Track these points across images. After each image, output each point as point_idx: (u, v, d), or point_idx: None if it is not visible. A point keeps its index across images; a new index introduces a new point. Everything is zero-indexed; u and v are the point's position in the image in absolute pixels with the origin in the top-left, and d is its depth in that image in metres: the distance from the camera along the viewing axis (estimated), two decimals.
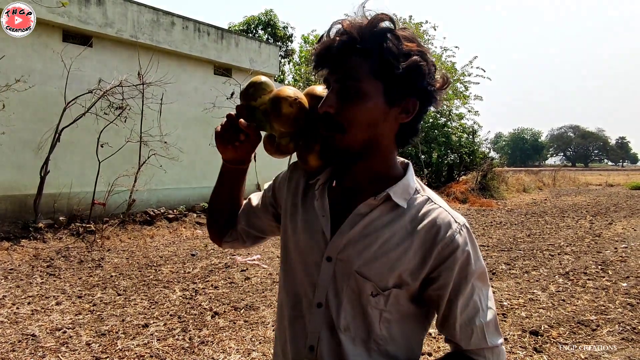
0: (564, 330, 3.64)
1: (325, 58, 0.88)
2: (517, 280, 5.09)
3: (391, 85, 0.84)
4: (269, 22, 19.80)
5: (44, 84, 7.26)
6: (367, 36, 0.83)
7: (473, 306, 0.88)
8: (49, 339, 3.34)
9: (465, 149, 16.52)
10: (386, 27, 0.84)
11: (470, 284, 0.87)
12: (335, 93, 0.86)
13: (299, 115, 0.96)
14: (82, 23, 7.63)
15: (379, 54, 0.83)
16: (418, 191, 0.93)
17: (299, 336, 0.95)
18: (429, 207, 0.90)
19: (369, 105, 0.85)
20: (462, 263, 0.87)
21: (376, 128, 0.87)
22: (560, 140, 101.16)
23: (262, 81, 1.03)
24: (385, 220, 0.89)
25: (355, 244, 0.89)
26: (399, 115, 0.88)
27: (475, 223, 9.69)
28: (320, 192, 0.97)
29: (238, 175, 1.11)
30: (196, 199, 9.52)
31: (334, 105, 0.86)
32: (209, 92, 9.73)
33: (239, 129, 0.99)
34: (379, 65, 0.83)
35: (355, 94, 0.84)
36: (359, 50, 0.84)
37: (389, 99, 0.85)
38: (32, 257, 5.76)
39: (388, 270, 0.86)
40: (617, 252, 6.51)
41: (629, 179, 26.95)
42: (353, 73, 0.84)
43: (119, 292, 4.50)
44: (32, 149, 7.04)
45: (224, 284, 4.88)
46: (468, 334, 0.88)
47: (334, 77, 0.87)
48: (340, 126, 0.86)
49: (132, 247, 6.70)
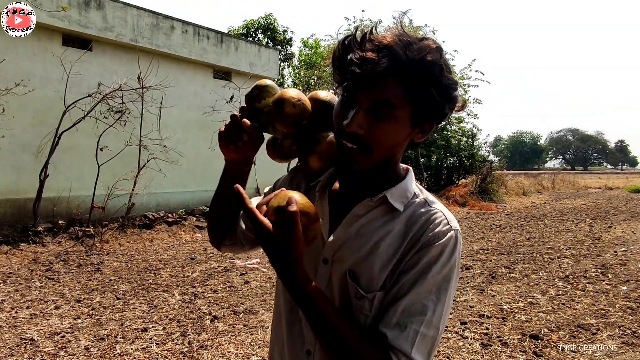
0: (564, 334, 3.63)
1: (364, 76, 0.80)
2: (517, 284, 5.08)
3: (421, 111, 0.83)
4: (268, 26, 19.84)
5: (44, 88, 7.26)
6: (416, 65, 0.79)
7: (421, 309, 0.81)
8: (48, 344, 3.33)
9: (464, 153, 16.53)
10: (435, 60, 0.80)
11: (428, 285, 0.81)
12: (365, 112, 0.82)
13: (301, 116, 0.97)
14: (82, 27, 7.65)
15: (421, 83, 0.80)
16: (417, 195, 0.92)
17: (296, 340, 0.95)
18: (426, 208, 0.89)
19: (397, 129, 0.84)
20: (432, 257, 0.83)
21: (396, 148, 0.88)
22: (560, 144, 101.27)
23: (267, 84, 1.05)
24: (380, 222, 0.88)
25: (349, 244, 0.89)
26: (416, 134, 0.88)
27: (475, 226, 9.69)
28: (321, 194, 0.98)
29: (240, 177, 1.10)
30: (196, 203, 9.51)
31: (363, 127, 0.82)
32: (208, 95, 9.74)
33: (242, 129, 0.99)
34: (416, 92, 0.81)
35: (388, 118, 0.82)
36: (400, 73, 0.79)
37: (414, 123, 0.85)
38: (31, 260, 5.75)
39: (379, 271, 0.85)
40: (617, 256, 6.51)
41: (629, 182, 26.98)
42: (391, 97, 0.80)
43: (118, 296, 4.49)
44: (31, 152, 7.04)
45: (223, 287, 4.87)
46: (400, 327, 0.80)
47: (369, 96, 0.81)
48: (367, 147, 0.84)
49: (131, 250, 6.69)
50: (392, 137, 0.84)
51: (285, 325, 0.98)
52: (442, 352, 3.31)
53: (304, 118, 0.98)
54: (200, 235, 8.04)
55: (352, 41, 0.84)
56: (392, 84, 0.80)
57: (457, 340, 3.56)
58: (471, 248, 7.19)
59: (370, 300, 0.84)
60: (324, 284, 0.91)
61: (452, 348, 3.41)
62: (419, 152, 15.32)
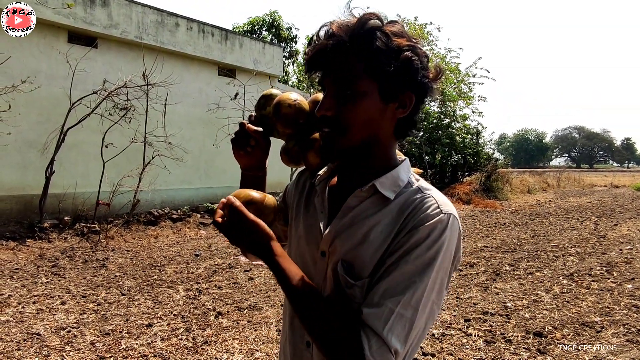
0: (568, 332, 3.62)
1: (318, 61, 0.88)
2: (521, 282, 5.07)
3: (386, 83, 0.85)
4: (273, 23, 19.83)
5: (50, 85, 7.30)
6: (356, 36, 0.83)
7: (400, 290, 0.78)
8: (54, 338, 3.36)
9: (469, 150, 16.48)
10: (374, 25, 0.84)
11: (410, 266, 0.79)
12: (331, 95, 0.87)
13: (297, 116, 1.03)
14: (87, 24, 7.68)
15: (370, 53, 0.83)
16: (411, 184, 0.92)
17: (297, 332, 0.97)
18: (417, 195, 0.88)
19: (366, 104, 0.85)
20: (417, 239, 0.81)
21: (375, 126, 0.87)
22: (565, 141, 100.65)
23: (272, 93, 1.12)
24: (373, 210, 0.89)
25: (341, 234, 0.90)
26: (396, 110, 0.88)
27: (479, 224, 9.67)
28: (321, 188, 0.99)
29: (256, 183, 1.15)
30: (200, 200, 9.54)
31: (331, 108, 0.86)
32: (213, 92, 9.76)
33: (249, 135, 1.07)
34: (371, 64, 0.83)
35: (351, 95, 0.85)
36: (350, 51, 0.84)
37: (385, 96, 0.86)
38: (37, 256, 5.79)
39: (370, 258, 0.85)
40: (622, 254, 6.48)
41: (635, 180, 26.79)
42: (347, 74, 0.84)
43: (123, 292, 4.52)
44: (37, 149, 7.08)
45: (227, 284, 4.89)
46: (376, 307, 0.78)
47: (329, 80, 0.87)
48: (339, 128, 0.86)
49: (136, 247, 6.72)
50: (362, 114, 0.85)
51: (288, 317, 1.01)
52: (445, 349, 3.32)
53: (300, 118, 1.03)
54: (205, 232, 8.07)
55: (312, 39, 0.90)
56: (347, 62, 0.84)
57: (460, 337, 3.56)
58: (475, 245, 7.18)
59: (360, 288, 0.84)
60: (322, 275, 0.92)
61: (455, 345, 3.41)
62: (423, 150, 15.30)
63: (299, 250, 1.00)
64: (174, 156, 8.12)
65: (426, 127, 16.41)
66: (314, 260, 0.95)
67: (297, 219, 1.03)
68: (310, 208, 1.01)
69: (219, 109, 9.37)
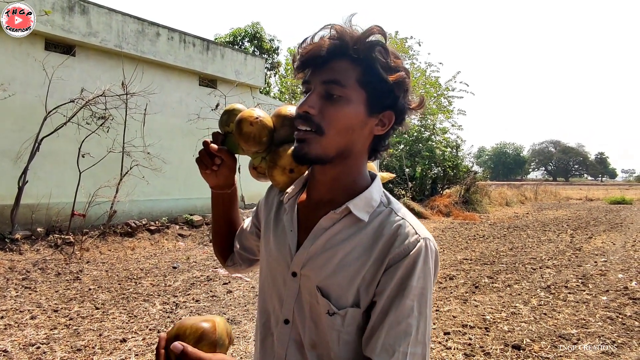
0: (545, 344, 3.65)
1: (314, 59, 0.85)
2: (500, 294, 5.11)
3: (374, 96, 0.85)
4: (255, 34, 19.85)
5: (25, 93, 7.13)
6: (360, 44, 0.83)
7: (405, 329, 0.79)
8: (22, 355, 3.23)
9: (448, 163, 16.69)
10: (378, 40, 0.84)
11: (407, 302, 0.80)
12: (317, 95, 0.85)
13: (260, 134, 1.01)
14: (65, 32, 7.55)
15: (368, 64, 0.83)
16: (383, 204, 0.91)
17: (268, 354, 0.95)
18: (392, 219, 0.87)
19: (350, 111, 0.84)
20: (405, 272, 0.81)
21: (353, 135, 0.86)
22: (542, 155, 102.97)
23: (234, 108, 1.09)
24: (346, 234, 0.87)
25: (316, 258, 0.88)
26: (375, 127, 0.88)
27: (459, 236, 9.75)
28: (290, 205, 0.98)
29: (226, 200, 1.15)
30: (179, 211, 9.40)
31: (315, 106, 0.84)
32: (193, 103, 9.68)
33: (212, 154, 1.04)
34: (366, 74, 0.83)
35: (338, 99, 0.84)
36: (349, 56, 0.83)
37: (370, 109, 0.85)
38: (7, 269, 5.59)
39: (347, 285, 0.84)
40: (597, 266, 6.60)
41: (608, 194, 27.51)
42: (340, 77, 0.83)
43: (97, 306, 4.39)
44: (10, 158, 6.89)
45: (205, 297, 4.80)
46: (388, 354, 0.79)
47: (319, 79, 0.85)
48: (319, 127, 0.84)
49: (112, 259, 6.56)
50: (344, 118, 0.84)
51: (259, 336, 0.99)
52: None
53: (263, 135, 1.01)
54: (183, 243, 7.94)
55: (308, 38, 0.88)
56: (341, 65, 0.84)
57: (440, 350, 3.55)
58: (455, 258, 7.23)
59: (342, 317, 0.83)
60: (293, 297, 0.90)
61: (435, 358, 3.40)
62: (403, 163, 15.43)
63: (269, 267, 0.98)
64: (152, 166, 7.99)
65: (407, 140, 16.57)
66: (284, 280, 0.92)
67: (267, 236, 1.02)
68: (279, 226, 0.99)
69: (200, 119, 9.28)
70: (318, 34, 0.86)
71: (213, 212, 1.19)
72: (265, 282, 0.99)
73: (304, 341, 0.88)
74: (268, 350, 0.95)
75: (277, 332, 0.92)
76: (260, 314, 0.99)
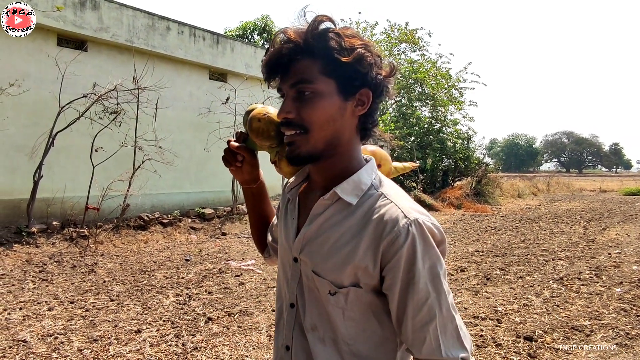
0: (558, 336, 3.64)
1: (275, 67, 0.89)
2: (512, 286, 5.10)
3: (343, 80, 0.87)
4: (264, 27, 19.83)
5: (39, 88, 7.23)
6: (309, 38, 0.85)
7: (427, 311, 0.82)
8: (40, 345, 3.31)
9: (460, 155, 16.57)
10: (326, 27, 0.86)
11: (420, 286, 0.81)
12: (291, 99, 0.89)
13: (267, 128, 1.06)
14: (77, 27, 7.62)
15: (324, 52, 0.85)
16: (374, 187, 0.92)
17: (280, 336, 1.01)
18: (380, 203, 0.88)
19: (325, 103, 0.86)
20: (408, 262, 0.82)
21: (336, 124, 0.89)
22: (555, 146, 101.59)
23: (254, 108, 1.14)
24: (337, 218, 0.90)
25: (311, 244, 0.92)
26: (355, 108, 0.90)
27: (470, 228, 9.71)
28: (293, 195, 1.03)
29: (255, 194, 1.23)
30: (191, 204, 9.48)
31: (292, 110, 0.88)
32: (204, 97, 9.73)
33: (235, 152, 1.11)
34: (326, 63, 0.85)
35: (310, 96, 0.86)
36: (306, 53, 0.86)
37: (344, 94, 0.88)
38: (25, 262, 5.71)
39: (340, 268, 0.86)
40: (610, 258, 6.54)
41: (623, 185, 27.11)
42: (305, 76, 0.86)
43: (112, 298, 4.46)
44: (25, 153, 7.00)
45: (218, 289, 4.86)
46: (420, 340, 0.82)
47: (287, 84, 0.89)
48: (302, 127, 0.88)
49: (125, 252, 6.66)
50: (322, 112, 0.87)
51: (275, 321, 1.05)
52: None
53: (271, 130, 1.06)
54: (195, 236, 8.01)
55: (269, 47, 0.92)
56: (303, 64, 0.86)
57: None
58: (466, 250, 7.20)
59: (345, 295, 0.87)
60: (296, 281, 0.95)
61: None
62: (414, 155, 15.35)
63: (280, 255, 1.05)
64: (164, 160, 8.06)
65: (417, 132, 16.48)
66: (289, 265, 0.98)
67: (279, 225, 1.08)
68: (287, 215, 1.04)
69: (210, 113, 9.34)
70: (276, 41, 0.89)
71: (247, 206, 1.27)
72: (279, 269, 1.05)
73: (304, 324, 0.93)
74: (280, 333, 1.01)
75: (285, 315, 0.98)
76: (277, 299, 1.05)
